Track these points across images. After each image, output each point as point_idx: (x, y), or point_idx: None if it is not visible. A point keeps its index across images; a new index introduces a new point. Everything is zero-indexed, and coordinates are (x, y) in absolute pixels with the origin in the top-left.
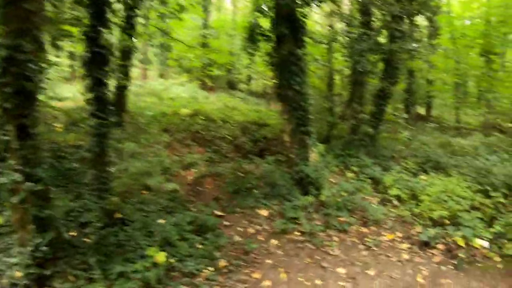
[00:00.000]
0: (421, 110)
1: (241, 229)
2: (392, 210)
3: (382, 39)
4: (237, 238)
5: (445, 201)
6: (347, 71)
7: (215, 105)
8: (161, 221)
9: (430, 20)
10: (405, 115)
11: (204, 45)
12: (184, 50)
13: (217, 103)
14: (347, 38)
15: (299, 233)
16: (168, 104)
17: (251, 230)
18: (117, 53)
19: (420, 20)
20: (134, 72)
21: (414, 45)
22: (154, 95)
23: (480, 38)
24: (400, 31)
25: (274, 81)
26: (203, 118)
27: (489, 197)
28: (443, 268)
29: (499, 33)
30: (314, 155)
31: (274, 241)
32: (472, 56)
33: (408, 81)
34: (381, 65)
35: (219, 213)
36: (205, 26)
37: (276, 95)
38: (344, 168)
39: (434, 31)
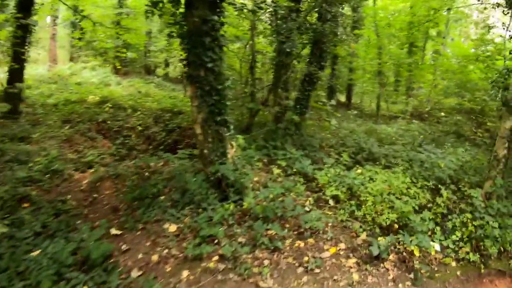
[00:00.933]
0: (342, 98)
1: (142, 256)
2: (330, 213)
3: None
4: (135, 274)
5: (391, 200)
6: (271, 53)
7: (127, 91)
8: (34, 253)
9: (354, 9)
10: (333, 102)
11: (118, 25)
12: (97, 31)
13: (130, 89)
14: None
15: (218, 259)
16: (74, 90)
17: (154, 257)
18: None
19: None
20: (41, 55)
21: (342, 30)
22: (60, 80)
23: (404, 30)
24: (331, 12)
25: (182, 58)
26: (112, 105)
27: (438, 194)
28: (400, 286)
29: (421, 27)
30: (232, 151)
31: (185, 273)
32: (394, 48)
33: (332, 67)
34: (307, 49)
35: (115, 231)
36: (121, 4)
37: (186, 76)
38: (269, 163)
39: (358, 20)
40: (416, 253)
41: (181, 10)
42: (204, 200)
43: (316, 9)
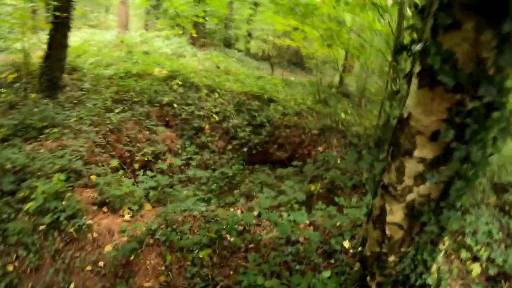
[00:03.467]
0: None
1: None
2: None
3: None
4: None
5: None
6: None
7: (202, 65)
8: None
9: None
10: None
11: None
12: None
13: (206, 62)
14: None
15: None
16: (140, 60)
17: None
18: None
19: None
20: (113, 21)
21: None
22: (125, 48)
23: None
24: None
25: None
26: (182, 83)
27: None
28: None
29: None
30: None
31: None
32: None
33: None
34: None
35: None
36: None
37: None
38: None
39: None
40: None
41: None
42: None
43: None
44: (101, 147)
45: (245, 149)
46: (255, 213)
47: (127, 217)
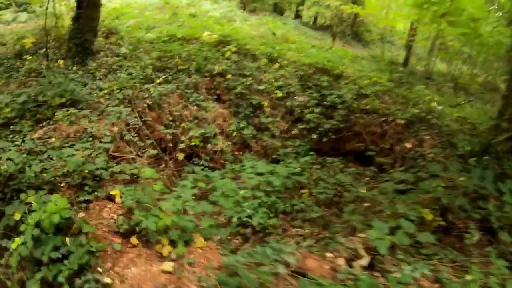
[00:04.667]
0: None
1: None
2: None
3: None
4: None
5: None
6: None
7: (256, 31)
8: None
9: None
10: None
11: None
12: None
13: (260, 28)
14: None
15: None
16: (186, 23)
17: None
18: None
19: None
20: None
21: None
22: (170, 10)
23: None
24: None
25: None
26: (237, 49)
27: None
28: None
29: None
30: None
31: None
32: None
33: None
34: None
35: None
36: None
37: None
38: None
39: None
40: None
41: None
42: None
43: None
44: (135, 131)
45: (314, 136)
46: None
47: (167, 264)
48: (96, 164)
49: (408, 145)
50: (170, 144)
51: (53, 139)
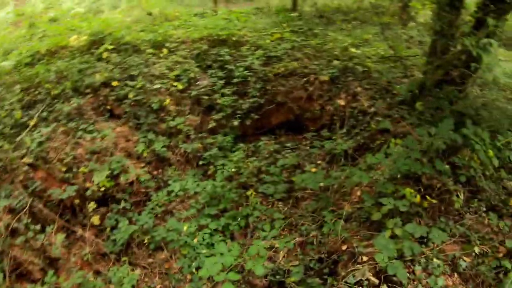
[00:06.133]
0: None
1: None
2: None
3: None
4: None
5: None
6: None
7: (130, 16)
8: None
9: None
10: None
11: None
12: None
13: (134, 11)
14: None
15: None
16: (48, 32)
17: None
18: None
19: None
20: None
21: None
22: (25, 21)
23: None
24: None
25: None
26: (114, 46)
27: None
28: None
29: None
30: None
31: None
32: None
33: None
34: None
35: None
36: None
37: None
38: None
39: None
40: None
41: None
42: None
43: None
44: (27, 215)
45: (234, 123)
46: None
47: None
48: None
49: (340, 102)
50: (77, 201)
51: None
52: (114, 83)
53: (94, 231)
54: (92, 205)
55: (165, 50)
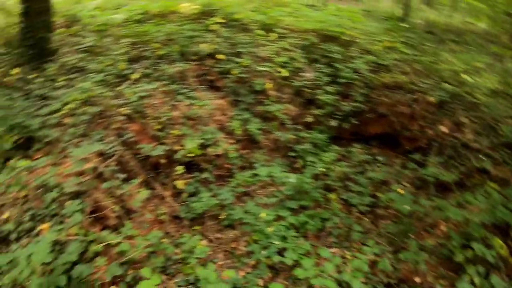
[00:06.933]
0: None
1: None
2: None
3: None
4: None
5: None
6: None
7: None
8: None
9: None
10: None
11: None
12: None
13: None
14: None
15: None
16: None
17: None
18: None
19: None
20: None
21: None
22: None
23: None
24: None
25: None
26: (224, 20)
27: None
28: None
29: None
30: None
31: None
32: None
33: None
34: None
35: None
36: None
37: None
38: None
39: None
40: None
41: None
42: None
43: None
44: (115, 162)
45: (332, 123)
46: None
47: None
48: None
49: (443, 128)
50: (166, 161)
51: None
52: (220, 56)
53: (173, 192)
54: (180, 169)
55: (274, 35)
